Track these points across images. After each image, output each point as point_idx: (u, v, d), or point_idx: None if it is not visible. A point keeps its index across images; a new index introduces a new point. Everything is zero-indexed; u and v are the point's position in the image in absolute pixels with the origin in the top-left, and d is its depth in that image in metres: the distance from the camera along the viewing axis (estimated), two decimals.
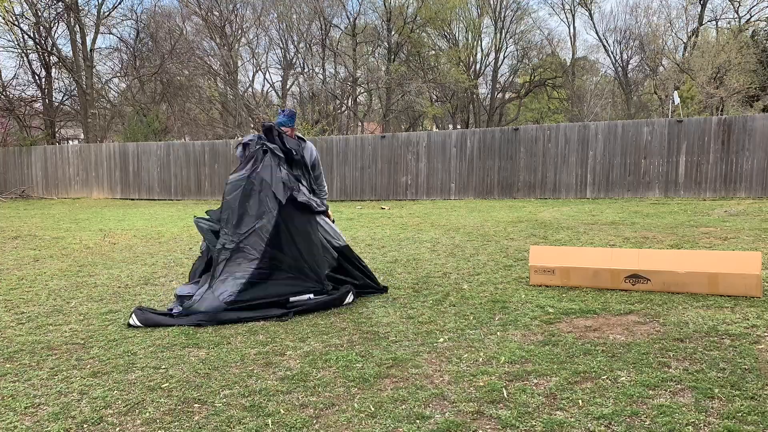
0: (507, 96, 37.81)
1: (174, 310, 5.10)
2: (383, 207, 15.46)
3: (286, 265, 5.24)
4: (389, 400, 3.25)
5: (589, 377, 3.47)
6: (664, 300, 5.06)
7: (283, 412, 3.17)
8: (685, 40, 30.14)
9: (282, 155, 5.42)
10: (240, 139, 5.50)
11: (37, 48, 25.39)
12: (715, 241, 7.92)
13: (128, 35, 29.46)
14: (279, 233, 5.23)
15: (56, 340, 4.52)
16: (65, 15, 24.98)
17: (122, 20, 29.09)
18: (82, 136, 30.04)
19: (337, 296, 5.30)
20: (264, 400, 3.32)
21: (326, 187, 6.01)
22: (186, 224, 12.30)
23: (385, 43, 31.95)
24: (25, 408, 3.31)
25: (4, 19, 23.34)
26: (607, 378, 3.44)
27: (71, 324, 4.98)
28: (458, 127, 34.85)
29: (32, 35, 25.11)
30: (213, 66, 30.57)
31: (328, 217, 5.78)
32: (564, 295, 5.35)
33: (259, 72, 34.34)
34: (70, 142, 33.30)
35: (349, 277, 5.66)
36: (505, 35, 34.82)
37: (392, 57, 31.43)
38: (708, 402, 3.09)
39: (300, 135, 5.90)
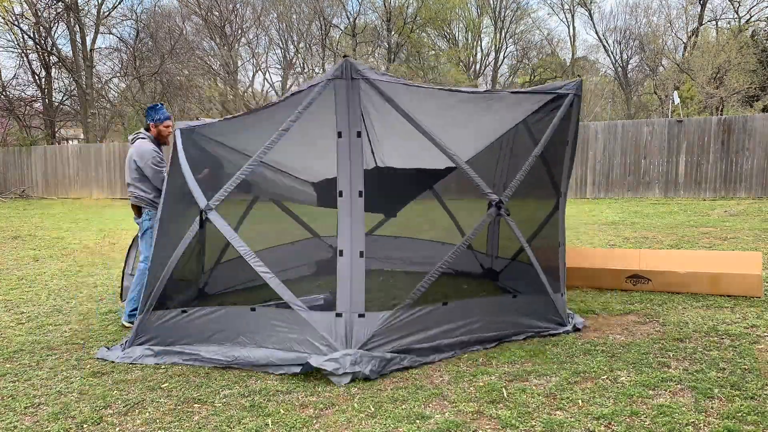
0: None
1: None
2: None
3: None
4: (389, 400, 3.25)
5: (589, 377, 3.46)
6: (664, 300, 5.06)
7: (283, 412, 3.16)
8: (685, 40, 30.09)
9: None
10: None
11: (37, 48, 25.37)
12: (715, 241, 7.91)
13: (128, 35, 29.46)
14: None
15: (56, 340, 4.52)
16: (65, 15, 24.95)
17: (122, 20, 29.08)
18: (82, 136, 30.01)
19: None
20: (264, 400, 3.32)
21: None
22: None
23: (385, 43, 31.94)
24: (25, 408, 3.31)
25: (4, 19, 23.35)
26: (607, 378, 3.44)
27: (71, 324, 4.98)
28: None
29: (32, 35, 25.11)
30: (213, 66, 30.56)
31: None
32: None
33: (259, 72, 34.31)
34: (70, 142, 33.27)
35: None
36: (505, 35, 34.81)
37: (392, 57, 31.41)
38: (708, 402, 3.09)
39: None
